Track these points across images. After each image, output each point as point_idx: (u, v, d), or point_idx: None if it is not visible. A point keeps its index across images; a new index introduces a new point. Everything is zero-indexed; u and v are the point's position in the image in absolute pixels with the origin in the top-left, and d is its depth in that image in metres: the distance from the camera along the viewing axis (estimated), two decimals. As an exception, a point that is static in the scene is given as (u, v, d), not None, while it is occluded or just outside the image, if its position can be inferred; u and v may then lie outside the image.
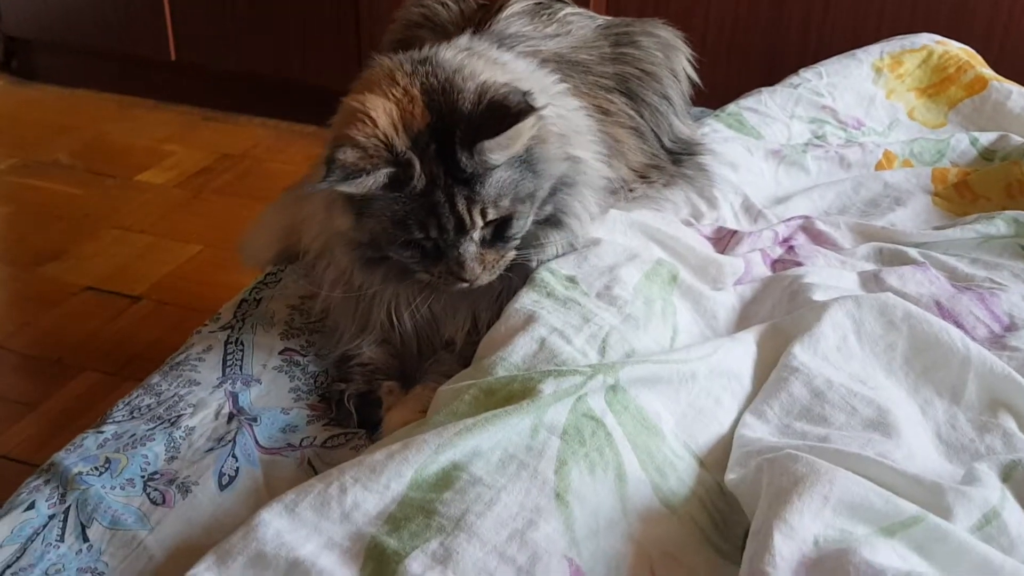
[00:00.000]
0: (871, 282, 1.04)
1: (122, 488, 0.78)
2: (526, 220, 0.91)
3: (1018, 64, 2.33)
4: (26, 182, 2.60)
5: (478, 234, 0.88)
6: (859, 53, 1.51)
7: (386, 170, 0.84)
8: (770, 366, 0.89)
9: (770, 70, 2.41)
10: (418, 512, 0.70)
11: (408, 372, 0.96)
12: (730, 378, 0.86)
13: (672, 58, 1.24)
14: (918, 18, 2.34)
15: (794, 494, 0.67)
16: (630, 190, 1.10)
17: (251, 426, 0.85)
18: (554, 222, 0.96)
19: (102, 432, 0.84)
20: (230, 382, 0.91)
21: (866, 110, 1.43)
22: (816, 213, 1.22)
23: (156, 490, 0.78)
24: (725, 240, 1.10)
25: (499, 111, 0.86)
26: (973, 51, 1.54)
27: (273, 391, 0.92)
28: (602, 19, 1.27)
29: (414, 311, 0.93)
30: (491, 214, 0.88)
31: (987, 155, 1.33)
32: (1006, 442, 0.84)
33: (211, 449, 0.83)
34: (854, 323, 0.91)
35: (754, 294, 1.03)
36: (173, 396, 0.88)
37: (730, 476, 0.76)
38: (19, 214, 2.49)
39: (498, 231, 0.89)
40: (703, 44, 1.26)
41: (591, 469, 0.74)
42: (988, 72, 1.49)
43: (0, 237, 2.44)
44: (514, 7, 1.18)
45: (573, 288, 0.91)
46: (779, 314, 0.98)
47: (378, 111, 0.87)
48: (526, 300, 0.89)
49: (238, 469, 0.81)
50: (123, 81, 3.09)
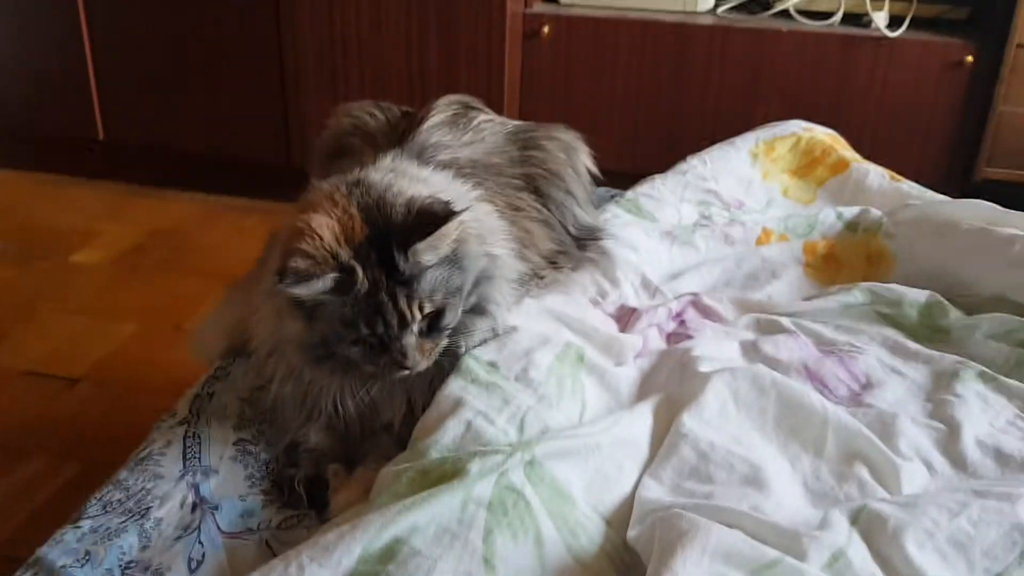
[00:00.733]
0: (750, 350, 1.21)
1: (103, 577, 0.89)
2: (457, 311, 1.04)
3: (885, 132, 2.62)
4: (-41, 267, 2.66)
5: (416, 327, 1.01)
6: (737, 141, 1.69)
7: (333, 275, 0.96)
8: (664, 433, 1.04)
9: (669, 141, 2.66)
10: (367, 582, 0.83)
11: (351, 454, 1.08)
12: (630, 446, 1.01)
13: (573, 157, 1.40)
14: (803, 90, 2.61)
15: (678, 546, 0.82)
16: (541, 276, 1.26)
17: (213, 514, 0.97)
18: (479, 310, 1.09)
19: (79, 527, 0.95)
20: (191, 474, 1.02)
21: (746, 191, 1.61)
22: (705, 287, 1.39)
23: (134, 576, 0.89)
24: (626, 318, 1.26)
25: (427, 218, 1.00)
26: (837, 135, 1.75)
27: (230, 480, 1.03)
28: (512, 124, 1.42)
29: (358, 399, 1.05)
30: (427, 308, 1.01)
31: (851, 227, 1.51)
32: (860, 488, 1.00)
33: (179, 537, 0.94)
34: (732, 392, 1.07)
35: (651, 366, 1.18)
36: (141, 490, 0.99)
37: (631, 533, 0.91)
38: (-46, 300, 2.54)
39: (433, 322, 1.02)
40: (610, 135, 1.44)
41: (514, 536, 0.87)
42: (849, 154, 1.69)
43: (-64, 324, 2.49)
44: (435, 118, 1.32)
45: (494, 372, 1.05)
46: (672, 383, 1.13)
47: (322, 228, 1.00)
48: (454, 386, 1.03)
49: (204, 554, 0.93)
50: (51, 161, 3.15)
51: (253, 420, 1.12)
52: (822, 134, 1.72)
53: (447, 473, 0.91)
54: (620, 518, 0.95)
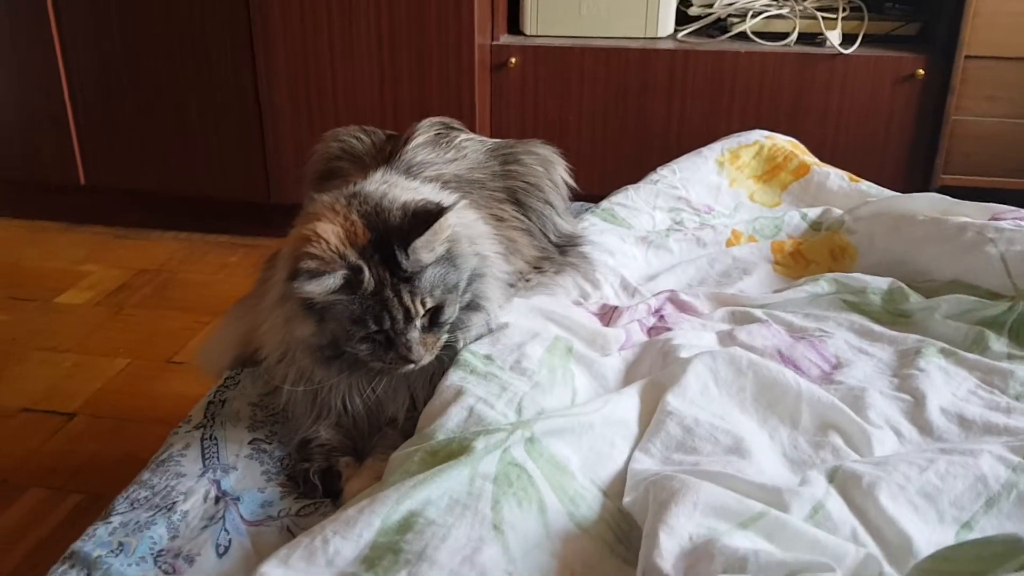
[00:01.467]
0: (726, 339, 1.29)
1: (137, 565, 0.94)
2: (455, 307, 1.13)
3: (844, 144, 2.74)
4: (-53, 313, 2.69)
5: (419, 322, 1.08)
6: (704, 151, 1.79)
7: (342, 272, 1.04)
8: (651, 413, 1.11)
9: (638, 162, 2.77)
10: (387, 552, 0.89)
11: (359, 448, 1.15)
12: (620, 425, 1.08)
13: (551, 170, 1.48)
14: (763, 108, 2.73)
15: (671, 503, 0.89)
16: (527, 280, 1.34)
17: (236, 504, 1.03)
18: (473, 307, 1.17)
19: (110, 522, 1.00)
20: (211, 471, 1.08)
21: (715, 197, 1.71)
22: (680, 286, 1.47)
23: (167, 562, 0.95)
24: (608, 315, 1.34)
25: (422, 217, 1.09)
26: (797, 142, 1.85)
27: (248, 475, 1.09)
28: (491, 142, 1.51)
29: (365, 396, 1.12)
30: (429, 303, 1.09)
31: (815, 226, 1.61)
32: (835, 454, 1.07)
33: (206, 526, 1.00)
34: (711, 373, 1.15)
35: (635, 356, 1.26)
36: (165, 487, 1.05)
37: (626, 499, 0.98)
38: (-56, 344, 2.57)
39: (433, 318, 1.10)
40: (578, 158, 1.53)
41: (519, 504, 0.94)
42: (809, 159, 1.79)
43: (-71, 368, 2.52)
44: (419, 138, 1.40)
45: (490, 364, 1.13)
46: (655, 371, 1.21)
47: (328, 233, 1.08)
48: (454, 377, 1.10)
49: (230, 540, 0.99)
50: (33, 207, 3.19)
51: (265, 422, 1.19)
52: (783, 141, 1.82)
53: (454, 451, 0.98)
54: (615, 490, 1.02)
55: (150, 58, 2.87)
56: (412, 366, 1.09)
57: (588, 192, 1.66)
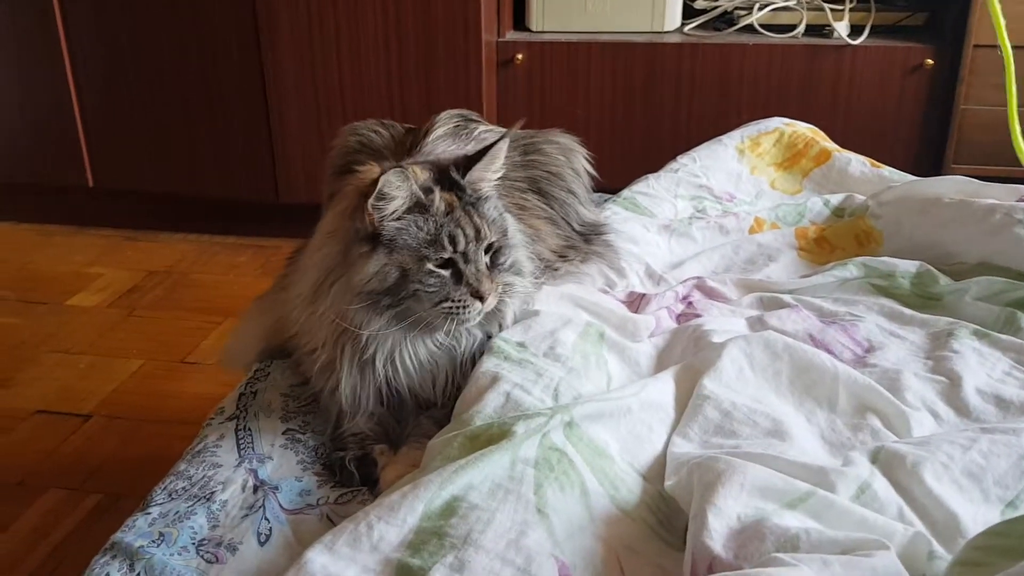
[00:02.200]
0: (756, 324, 1.28)
1: (179, 554, 0.94)
2: (508, 254, 1.15)
3: (854, 136, 2.74)
4: (-40, 317, 2.68)
5: (485, 248, 1.10)
6: (724, 139, 1.79)
7: (416, 187, 1.08)
8: (686, 397, 1.11)
9: (647, 156, 2.76)
10: (432, 536, 0.88)
11: (392, 438, 1.15)
12: (657, 409, 1.08)
13: (572, 159, 1.48)
14: (771, 100, 2.73)
15: (718, 484, 0.89)
16: (555, 269, 1.33)
17: (275, 493, 1.02)
18: (516, 270, 1.19)
19: (149, 513, 1.00)
20: (247, 461, 1.08)
21: (735, 185, 1.70)
22: (706, 274, 1.47)
23: (209, 552, 0.94)
24: (636, 302, 1.33)
25: (480, 150, 1.14)
26: (817, 128, 1.85)
27: (284, 464, 1.09)
28: (512, 132, 1.50)
29: (409, 367, 1.12)
30: (493, 232, 1.12)
31: (838, 212, 1.60)
32: (874, 436, 1.07)
33: (246, 515, 0.99)
34: (747, 357, 1.14)
35: (666, 343, 1.26)
36: (203, 478, 1.05)
37: (668, 483, 0.97)
38: (-41, 349, 2.57)
39: (492, 259, 1.13)
40: (586, 147, 1.55)
41: (561, 488, 0.94)
42: (830, 145, 1.78)
43: (-57, 372, 2.51)
44: (438, 131, 1.40)
45: (524, 351, 1.12)
46: (687, 356, 1.20)
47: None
48: (489, 364, 1.10)
49: (271, 529, 0.98)
50: (42, 210, 3.19)
51: (297, 412, 1.18)
52: (803, 128, 1.82)
53: (495, 436, 0.97)
54: (654, 473, 1.02)
55: (157, 59, 2.87)
56: (479, 307, 1.09)
57: (597, 186, 1.66)
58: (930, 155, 2.77)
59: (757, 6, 2.79)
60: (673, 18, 2.83)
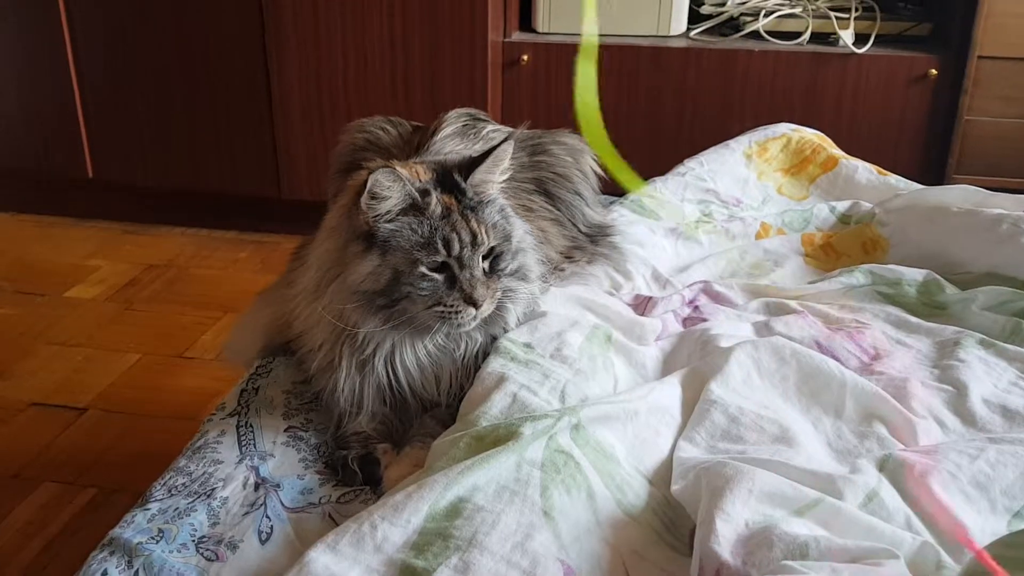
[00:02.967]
0: (763, 330, 1.27)
1: (179, 551, 0.92)
2: (509, 260, 1.12)
3: (857, 144, 2.74)
4: (-44, 307, 2.67)
5: (481, 256, 1.08)
6: (731, 143, 1.78)
7: (410, 189, 1.06)
8: (693, 402, 1.10)
9: (650, 160, 2.75)
10: (436, 537, 0.88)
11: (395, 438, 1.14)
12: (664, 413, 1.07)
13: (579, 160, 1.47)
14: (775, 107, 2.73)
15: (727, 490, 0.88)
16: (561, 270, 1.32)
17: (276, 491, 1.01)
18: (520, 276, 1.16)
19: (148, 509, 0.98)
20: (249, 458, 1.07)
21: (742, 190, 1.70)
22: (712, 278, 1.46)
23: (208, 549, 0.93)
24: (643, 305, 1.32)
25: (480, 152, 1.12)
26: (823, 135, 1.84)
27: (285, 462, 1.08)
28: (518, 132, 1.49)
29: (409, 368, 1.11)
30: (492, 237, 1.09)
31: (844, 219, 1.60)
32: (880, 444, 1.06)
33: (247, 513, 0.98)
34: (754, 362, 1.14)
35: (672, 346, 1.25)
36: (203, 474, 1.04)
37: (675, 487, 0.97)
38: (-46, 338, 2.55)
39: (492, 265, 1.10)
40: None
41: (568, 491, 0.93)
42: (837, 152, 1.78)
43: (-62, 362, 2.50)
44: (446, 130, 1.39)
45: (530, 352, 1.11)
46: (694, 360, 1.19)
47: (393, 167, 1.09)
48: (495, 364, 1.09)
49: (272, 527, 0.97)
50: (41, 201, 3.17)
51: (300, 409, 1.17)
52: (810, 134, 1.81)
53: (501, 437, 0.96)
54: (660, 478, 1.01)
55: (160, 52, 2.85)
56: (472, 312, 1.07)
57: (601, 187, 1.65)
58: (932, 165, 2.77)
59: (763, 12, 2.79)
60: (679, 22, 2.83)
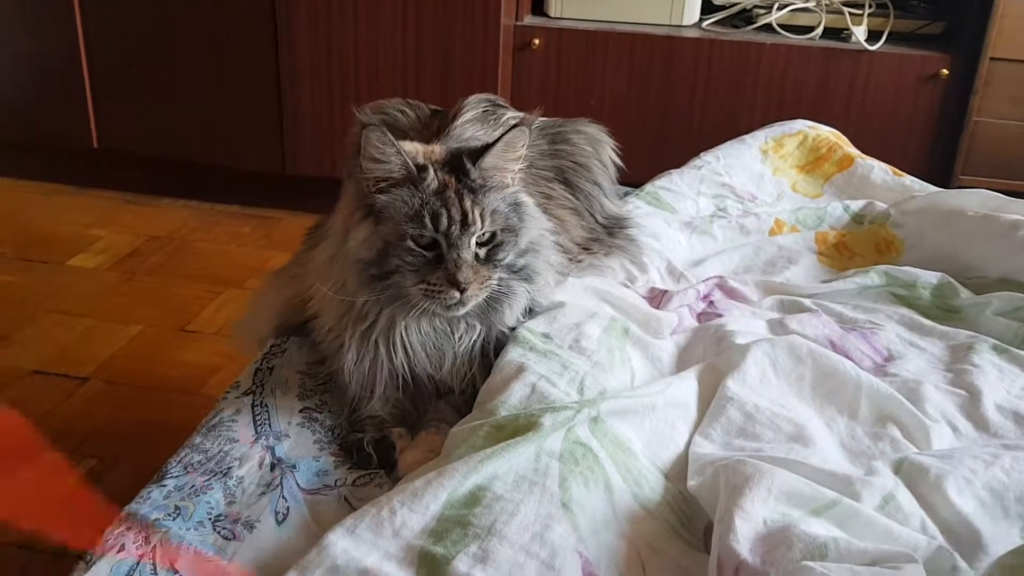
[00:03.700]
0: (777, 327, 1.28)
1: (195, 529, 0.93)
2: (509, 252, 1.10)
3: (865, 140, 2.73)
4: (-42, 271, 2.66)
5: (475, 241, 1.06)
6: (747, 138, 1.78)
7: (407, 161, 1.06)
8: (709, 397, 1.10)
9: (658, 149, 2.75)
10: (455, 525, 0.88)
11: (409, 422, 1.14)
12: (681, 408, 1.07)
13: (599, 150, 1.47)
14: (786, 101, 2.72)
15: (746, 488, 0.88)
16: (578, 260, 1.32)
17: (292, 472, 1.01)
18: (524, 276, 1.14)
19: (164, 485, 0.98)
20: (264, 438, 1.07)
21: (757, 185, 1.70)
22: (726, 273, 1.46)
23: (226, 528, 0.93)
24: (658, 299, 1.33)
25: (498, 137, 1.10)
26: (840, 133, 1.84)
27: (301, 443, 1.08)
28: (538, 120, 1.49)
29: (408, 347, 1.10)
30: (488, 223, 1.07)
31: (858, 219, 1.60)
32: (893, 446, 1.07)
33: (263, 493, 0.98)
34: (771, 360, 1.14)
35: (687, 341, 1.25)
36: (219, 452, 1.04)
37: (691, 483, 0.97)
38: (-45, 303, 2.54)
39: (489, 254, 1.08)
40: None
41: (586, 483, 0.93)
42: (853, 151, 1.78)
43: (-61, 326, 2.49)
44: (467, 115, 1.38)
45: (549, 342, 1.11)
46: (709, 356, 1.20)
47: (406, 145, 1.11)
48: (514, 354, 1.09)
49: (289, 508, 0.97)
50: (44, 169, 3.15)
51: (314, 391, 1.17)
52: (827, 132, 1.81)
53: (521, 427, 0.97)
54: (676, 472, 1.01)
55: (169, 23, 2.83)
56: (457, 296, 1.05)
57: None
58: (939, 165, 2.77)
59: (776, 6, 2.78)
60: (692, 13, 2.82)
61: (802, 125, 1.81)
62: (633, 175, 1.78)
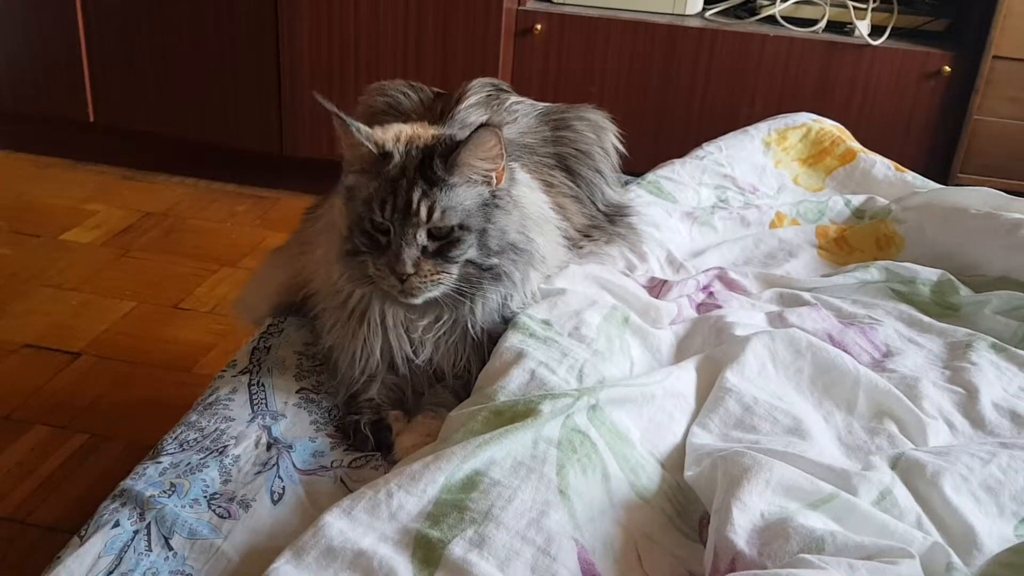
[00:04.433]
0: (776, 320, 1.27)
1: (190, 507, 0.92)
2: (467, 250, 1.06)
3: (864, 135, 2.73)
4: (-50, 243, 2.64)
5: (423, 234, 1.04)
6: (751, 130, 1.77)
7: (371, 146, 1.07)
8: (707, 388, 1.10)
9: (658, 138, 2.74)
10: (452, 509, 0.87)
11: (406, 406, 1.13)
12: (680, 398, 1.07)
13: (602, 137, 1.46)
14: (786, 93, 2.72)
15: (744, 480, 0.88)
16: (579, 247, 1.31)
17: (288, 452, 1.01)
18: (494, 276, 1.10)
19: (159, 462, 0.98)
20: (260, 417, 1.06)
21: (759, 177, 1.69)
22: (726, 264, 1.46)
23: (220, 506, 0.93)
24: (657, 288, 1.32)
25: (467, 136, 1.06)
26: (843, 127, 1.83)
27: (297, 424, 1.07)
28: (541, 106, 1.47)
29: (388, 327, 1.10)
30: (436, 217, 1.04)
31: (858, 214, 1.60)
32: (890, 442, 1.07)
33: (259, 472, 0.98)
34: (770, 352, 1.14)
35: (686, 331, 1.25)
36: (215, 430, 1.03)
37: (688, 473, 0.97)
38: (-53, 275, 2.52)
39: (442, 249, 1.05)
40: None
41: (583, 470, 0.93)
42: (856, 145, 1.77)
43: (-69, 298, 2.47)
44: (471, 99, 1.37)
45: (549, 329, 1.11)
46: (708, 347, 1.19)
47: (395, 127, 1.11)
48: (513, 340, 1.08)
49: (284, 488, 0.96)
50: (40, 142, 3.13)
51: (311, 371, 1.16)
52: (830, 125, 1.80)
53: (520, 413, 0.96)
54: (673, 462, 1.01)
55: (170, -2, 2.81)
56: (399, 286, 1.04)
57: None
58: (937, 162, 2.77)
59: (780, -3, 2.77)
60: (696, 2, 2.81)
61: (806, 118, 1.80)
62: (631, 164, 1.78)
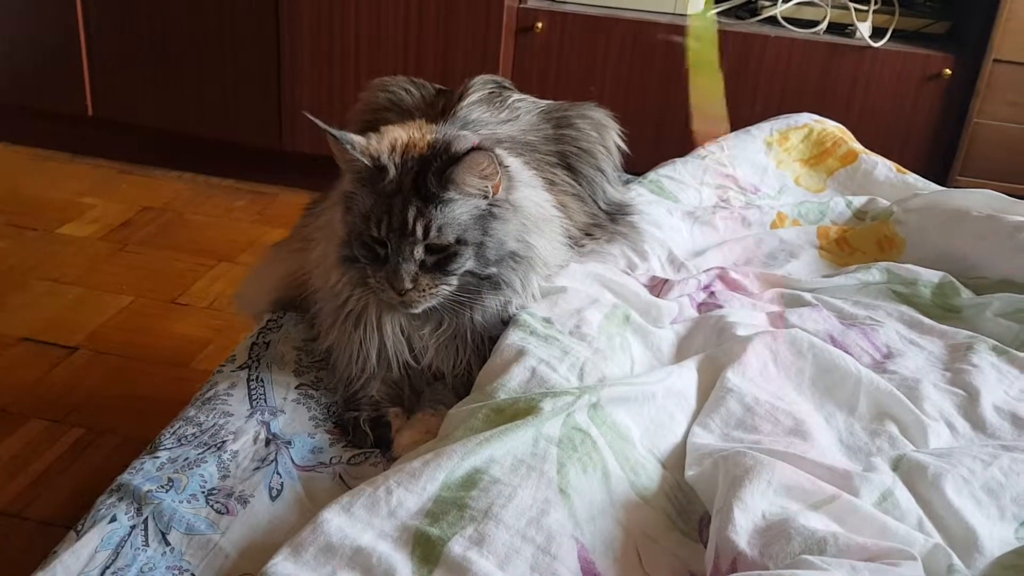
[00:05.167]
0: (777, 320, 1.27)
1: (188, 502, 0.91)
2: (465, 262, 1.06)
3: (864, 137, 2.73)
4: (-54, 235, 2.62)
5: (420, 250, 1.04)
6: (752, 130, 1.77)
7: (367, 162, 1.06)
8: (708, 387, 1.10)
9: (658, 138, 2.74)
10: (452, 507, 0.87)
11: (406, 403, 1.13)
12: (680, 397, 1.07)
13: (604, 135, 1.45)
14: (787, 94, 2.71)
15: (746, 480, 0.88)
16: (581, 245, 1.31)
17: (287, 448, 1.00)
18: (493, 284, 1.11)
19: (157, 457, 0.97)
20: (259, 412, 1.05)
21: (760, 178, 1.69)
22: (727, 264, 1.45)
23: (219, 502, 0.92)
24: (658, 287, 1.32)
25: (462, 154, 1.05)
26: (845, 128, 1.83)
27: (296, 419, 1.07)
28: (544, 103, 1.47)
29: (386, 331, 1.10)
30: (432, 235, 1.04)
31: (860, 215, 1.59)
32: (891, 443, 1.06)
33: (257, 468, 0.97)
34: (772, 353, 1.13)
35: (687, 331, 1.24)
36: (213, 425, 1.02)
37: (689, 473, 0.96)
38: (-57, 266, 2.51)
39: (440, 263, 1.05)
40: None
41: (584, 469, 0.92)
42: (857, 147, 1.77)
43: (-73, 290, 2.46)
44: (473, 96, 1.36)
45: (550, 327, 1.10)
46: (709, 347, 1.19)
47: (392, 132, 1.10)
48: (514, 337, 1.08)
49: (283, 484, 0.96)
50: (38, 135, 3.11)
51: (310, 367, 1.16)
52: (832, 126, 1.80)
53: (520, 411, 0.96)
54: (673, 462, 1.01)
55: (170, -9, 2.80)
56: (397, 299, 1.05)
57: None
58: (937, 165, 2.77)
59: (782, -1, 2.77)
60: (697, 2, 2.80)
61: (808, 119, 1.80)
62: (632, 162, 1.77)
